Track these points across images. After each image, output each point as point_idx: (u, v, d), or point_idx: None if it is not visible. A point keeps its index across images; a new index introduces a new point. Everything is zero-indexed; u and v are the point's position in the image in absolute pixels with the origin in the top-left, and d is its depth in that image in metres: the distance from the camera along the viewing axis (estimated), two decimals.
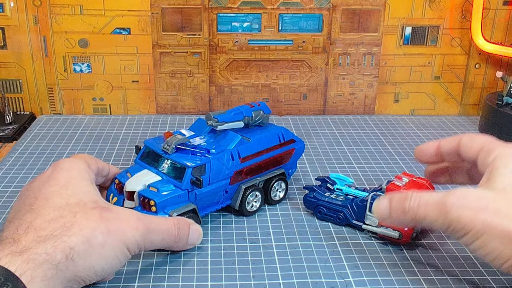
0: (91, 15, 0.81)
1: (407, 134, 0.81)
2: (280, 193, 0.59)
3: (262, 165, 0.57)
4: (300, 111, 0.90)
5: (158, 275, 0.47)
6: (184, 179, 0.50)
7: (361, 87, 0.89)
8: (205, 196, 0.52)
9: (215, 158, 0.52)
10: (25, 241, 0.37)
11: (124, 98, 0.87)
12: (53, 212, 0.40)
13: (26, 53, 0.83)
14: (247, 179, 0.56)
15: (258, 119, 0.58)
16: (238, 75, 0.87)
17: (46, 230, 0.39)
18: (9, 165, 0.68)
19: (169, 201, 0.50)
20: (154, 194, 0.50)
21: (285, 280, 0.47)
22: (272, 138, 0.58)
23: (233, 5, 0.82)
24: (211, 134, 0.57)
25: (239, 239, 0.53)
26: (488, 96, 0.83)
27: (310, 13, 0.84)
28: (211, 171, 0.52)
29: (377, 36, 0.86)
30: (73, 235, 0.39)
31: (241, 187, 0.55)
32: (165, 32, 0.83)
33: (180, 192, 0.50)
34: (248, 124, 0.58)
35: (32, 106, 0.87)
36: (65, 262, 0.37)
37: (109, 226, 0.41)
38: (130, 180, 0.52)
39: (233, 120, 0.56)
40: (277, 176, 0.58)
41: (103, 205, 0.43)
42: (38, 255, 0.36)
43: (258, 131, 0.58)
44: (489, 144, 0.47)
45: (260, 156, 0.56)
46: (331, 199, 0.56)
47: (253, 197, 0.56)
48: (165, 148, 0.52)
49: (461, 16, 0.86)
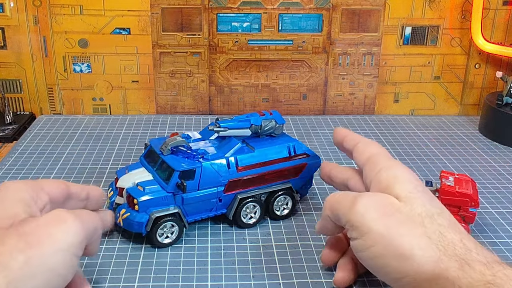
0: (91, 15, 0.81)
1: (407, 134, 0.81)
2: (286, 209, 0.56)
3: (264, 176, 0.54)
4: (300, 111, 0.90)
5: (158, 275, 0.47)
6: (170, 181, 0.50)
7: (361, 87, 0.89)
8: (194, 201, 0.51)
9: (208, 164, 0.51)
10: None
11: (124, 98, 0.87)
12: None
13: (26, 53, 0.83)
14: (246, 190, 0.54)
15: (269, 129, 0.56)
16: (238, 75, 0.87)
17: None
18: (9, 165, 0.68)
19: (152, 201, 0.50)
20: (139, 192, 0.50)
21: (285, 280, 0.47)
22: (280, 150, 0.55)
23: (233, 5, 0.82)
24: (217, 139, 0.56)
25: (239, 239, 0.53)
26: (488, 96, 0.83)
27: (310, 13, 0.84)
28: (201, 177, 0.51)
29: (377, 36, 0.86)
30: None
31: (237, 197, 0.53)
32: (165, 32, 0.83)
33: (165, 194, 0.50)
34: (257, 133, 0.55)
35: (32, 106, 0.87)
36: None
37: (28, 239, 0.36)
38: (124, 176, 0.52)
39: (238, 127, 0.54)
40: (282, 190, 0.55)
41: (19, 218, 0.38)
42: None
43: (267, 141, 0.56)
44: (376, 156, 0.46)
45: (263, 167, 0.54)
46: None
47: (251, 209, 0.54)
48: (162, 148, 0.52)
49: (461, 16, 0.86)
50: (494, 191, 0.64)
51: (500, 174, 0.69)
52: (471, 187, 0.52)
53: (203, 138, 0.56)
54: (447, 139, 0.80)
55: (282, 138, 0.57)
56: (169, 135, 0.54)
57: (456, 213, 0.51)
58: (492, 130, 0.80)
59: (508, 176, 0.68)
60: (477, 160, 0.73)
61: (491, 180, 0.67)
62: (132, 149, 0.73)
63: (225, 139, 0.55)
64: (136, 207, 0.49)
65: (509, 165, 0.71)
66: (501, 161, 0.73)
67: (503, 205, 0.61)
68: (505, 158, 0.74)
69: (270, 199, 0.55)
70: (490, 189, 0.64)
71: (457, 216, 0.51)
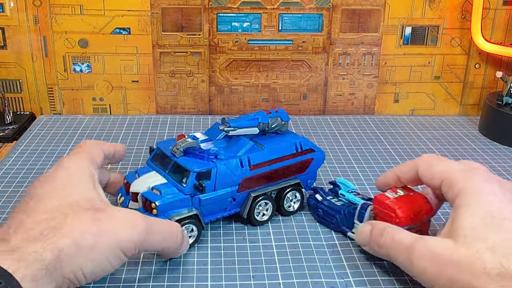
0: (91, 15, 0.81)
1: (407, 134, 0.81)
2: (295, 204, 0.57)
3: (275, 174, 0.55)
4: (300, 111, 0.90)
5: (158, 275, 0.47)
6: (187, 183, 0.50)
7: (361, 87, 0.89)
8: (210, 202, 0.51)
9: (222, 164, 0.51)
10: (14, 239, 0.37)
11: (124, 98, 0.87)
12: (43, 214, 0.40)
13: (26, 53, 0.83)
14: (258, 188, 0.54)
15: (275, 126, 0.56)
16: (238, 75, 0.87)
17: (36, 230, 0.38)
18: (9, 165, 0.68)
19: (171, 204, 0.49)
20: (156, 196, 0.49)
21: (285, 280, 0.47)
22: (288, 147, 0.55)
23: (233, 5, 0.82)
24: (225, 139, 0.56)
25: (239, 239, 0.53)
26: (488, 96, 0.83)
27: (310, 13, 0.84)
28: (217, 177, 0.51)
29: (377, 36, 0.86)
30: (62, 237, 0.38)
31: (250, 195, 0.54)
32: (165, 32, 0.83)
33: (183, 197, 0.49)
34: (264, 131, 0.56)
35: (32, 106, 0.87)
36: (54, 263, 0.37)
37: (100, 227, 0.40)
38: (136, 181, 0.51)
39: (247, 126, 0.55)
40: (291, 186, 0.56)
41: (97, 205, 0.42)
42: (28, 254, 0.36)
43: (274, 138, 0.56)
44: (449, 176, 0.44)
45: (273, 164, 0.54)
46: (329, 203, 0.55)
47: (263, 206, 0.55)
48: (174, 151, 0.51)
49: (461, 16, 0.86)
50: None
51: (500, 174, 0.69)
52: (415, 206, 0.48)
53: (210, 139, 0.56)
54: (447, 139, 0.80)
55: (288, 135, 0.58)
56: (177, 137, 0.53)
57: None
58: (492, 130, 0.80)
59: (508, 176, 0.68)
60: (477, 160, 0.73)
61: None
62: (132, 149, 0.73)
63: (233, 138, 0.55)
64: (154, 211, 0.48)
65: (509, 165, 0.71)
66: (501, 161, 0.73)
67: None
68: (505, 158, 0.74)
69: (280, 195, 0.56)
70: None
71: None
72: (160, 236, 0.44)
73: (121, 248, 0.40)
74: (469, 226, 0.39)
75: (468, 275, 0.38)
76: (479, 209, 0.40)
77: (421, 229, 0.49)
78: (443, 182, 0.45)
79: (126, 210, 0.44)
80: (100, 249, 0.39)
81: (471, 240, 0.39)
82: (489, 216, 0.40)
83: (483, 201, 0.41)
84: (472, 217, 0.40)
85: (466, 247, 0.38)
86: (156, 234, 0.44)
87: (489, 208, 0.40)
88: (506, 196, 0.42)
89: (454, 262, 0.38)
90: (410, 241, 0.42)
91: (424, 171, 0.47)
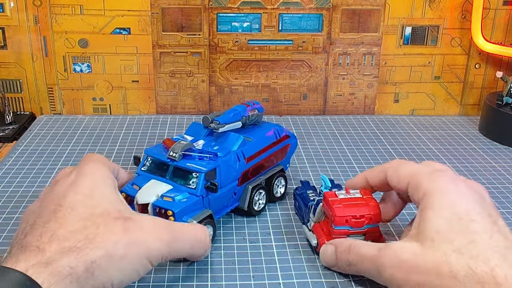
0: (91, 15, 0.81)
1: (407, 134, 0.81)
2: (281, 189, 0.60)
3: (264, 163, 0.57)
4: (300, 111, 0.90)
5: (158, 275, 0.47)
6: (198, 185, 0.49)
7: (361, 87, 0.89)
8: (218, 200, 0.52)
9: (223, 161, 0.51)
10: (49, 251, 0.37)
11: (124, 98, 0.87)
12: (77, 223, 0.40)
13: (26, 53, 0.83)
14: (252, 179, 0.56)
15: (254, 118, 0.59)
16: (238, 75, 0.87)
17: (70, 241, 0.38)
18: (9, 165, 0.68)
19: (187, 209, 0.48)
20: (170, 203, 0.48)
21: (285, 280, 0.47)
22: (271, 136, 0.58)
23: (233, 5, 0.82)
24: (210, 137, 0.56)
25: (239, 239, 0.53)
26: (488, 96, 0.83)
27: (310, 13, 0.84)
28: (221, 174, 0.51)
29: (377, 36, 0.86)
30: (95, 248, 0.38)
31: (248, 187, 0.55)
32: (165, 32, 0.83)
33: (196, 199, 0.49)
34: (245, 123, 0.58)
35: (32, 106, 0.87)
36: (85, 275, 0.37)
37: (131, 237, 0.40)
38: (140, 192, 0.50)
39: (233, 121, 0.56)
40: (277, 172, 0.59)
41: (126, 214, 0.42)
42: (62, 268, 0.36)
43: (256, 129, 0.59)
44: (415, 178, 0.43)
45: (262, 154, 0.57)
46: (303, 197, 0.55)
47: (259, 196, 0.57)
48: (172, 155, 0.51)
49: (461, 16, 0.86)
50: (494, 191, 0.64)
51: (500, 174, 0.69)
52: (356, 210, 0.47)
53: (197, 138, 0.56)
54: (447, 139, 0.80)
55: (265, 125, 0.60)
56: (163, 142, 0.53)
57: None
58: (492, 130, 0.80)
59: (508, 176, 0.68)
60: (477, 160, 0.73)
61: (491, 180, 0.67)
62: (132, 149, 0.73)
63: (221, 134, 0.56)
64: (172, 218, 0.48)
65: (509, 165, 0.71)
66: (501, 161, 0.73)
67: (503, 205, 0.61)
68: (505, 158, 0.74)
69: (269, 183, 0.58)
70: (490, 189, 0.64)
71: None
72: (188, 244, 0.44)
73: (149, 257, 0.41)
74: (435, 229, 0.39)
75: (435, 279, 0.37)
76: (445, 211, 0.40)
77: (373, 239, 0.48)
78: (409, 185, 0.44)
79: (153, 219, 0.44)
80: (130, 259, 0.39)
81: (438, 243, 0.38)
82: (455, 218, 0.39)
83: (449, 202, 0.40)
84: (438, 220, 0.39)
85: (433, 250, 0.38)
86: (183, 242, 0.44)
87: (455, 209, 0.40)
88: (473, 196, 0.41)
89: (421, 267, 0.38)
90: (376, 250, 0.42)
91: (391, 175, 0.47)
